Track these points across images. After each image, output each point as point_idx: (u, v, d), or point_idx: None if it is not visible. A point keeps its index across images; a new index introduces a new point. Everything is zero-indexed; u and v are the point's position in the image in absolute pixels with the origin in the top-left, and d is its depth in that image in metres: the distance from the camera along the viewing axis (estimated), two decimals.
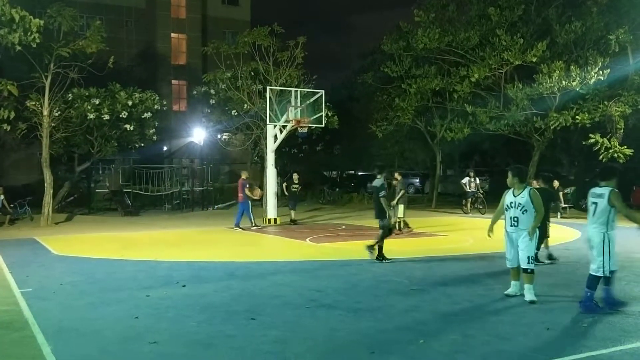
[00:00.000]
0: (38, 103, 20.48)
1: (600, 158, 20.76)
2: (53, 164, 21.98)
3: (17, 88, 19.20)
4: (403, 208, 16.25)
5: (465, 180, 23.94)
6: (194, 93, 31.66)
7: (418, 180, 39.23)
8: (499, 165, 40.24)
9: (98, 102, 23.00)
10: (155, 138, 26.42)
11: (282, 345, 5.89)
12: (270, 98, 20.58)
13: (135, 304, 7.78)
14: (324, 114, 21.78)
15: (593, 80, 20.79)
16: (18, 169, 30.02)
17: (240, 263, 11.70)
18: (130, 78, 28.74)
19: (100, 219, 22.90)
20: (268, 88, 20.97)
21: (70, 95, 22.36)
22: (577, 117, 21.54)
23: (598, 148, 20.93)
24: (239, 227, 18.19)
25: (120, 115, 23.59)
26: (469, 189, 23.87)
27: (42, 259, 12.26)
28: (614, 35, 20.56)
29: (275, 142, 21.12)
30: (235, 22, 39.98)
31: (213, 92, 27.89)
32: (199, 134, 31.91)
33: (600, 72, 20.61)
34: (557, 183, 22.26)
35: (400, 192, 16.24)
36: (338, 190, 34.96)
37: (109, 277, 9.98)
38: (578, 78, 20.84)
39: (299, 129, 20.69)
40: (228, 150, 30.49)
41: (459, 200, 24.53)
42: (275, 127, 21.03)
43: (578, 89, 21.25)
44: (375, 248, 11.29)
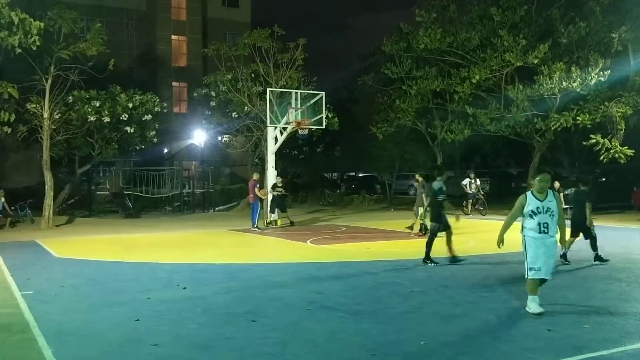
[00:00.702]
0: (38, 105, 20.52)
1: (601, 159, 20.75)
2: (54, 167, 22.00)
3: (17, 90, 19.23)
4: (423, 210, 16.03)
5: (466, 182, 23.92)
6: (195, 95, 31.69)
7: None
8: (500, 167, 40.26)
9: (98, 104, 23.05)
10: (156, 140, 26.46)
11: (282, 347, 5.89)
12: (271, 100, 20.59)
13: (136, 307, 7.78)
14: (325, 116, 21.80)
15: (593, 82, 20.77)
16: (18, 172, 30.02)
17: (241, 265, 11.71)
18: (131, 80, 28.78)
19: (101, 222, 22.91)
20: (268, 90, 20.99)
21: (71, 98, 22.39)
22: (577, 118, 21.52)
23: (599, 149, 20.90)
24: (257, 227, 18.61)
25: (121, 118, 23.64)
26: (470, 190, 23.86)
27: (43, 262, 12.27)
28: (617, 34, 20.52)
29: (276, 144, 21.13)
30: (236, 24, 40.05)
31: (213, 94, 27.92)
32: (200, 136, 31.94)
33: (601, 73, 20.60)
34: (557, 184, 22.31)
35: (422, 194, 16.11)
36: (339, 192, 34.98)
37: (110, 279, 9.98)
38: (578, 79, 20.83)
39: (300, 131, 20.71)
40: (228, 152, 30.52)
41: (460, 202, 24.52)
42: (276, 129, 21.05)
43: (579, 90, 21.22)
44: (454, 255, 11.34)
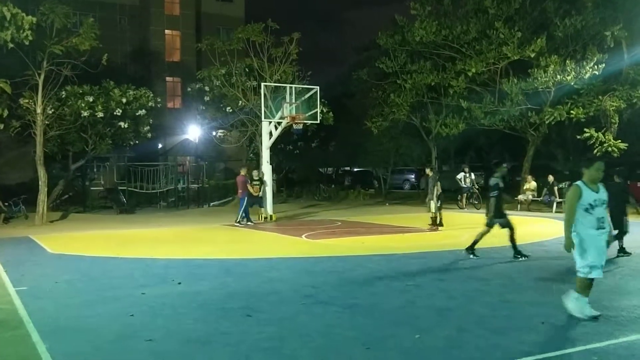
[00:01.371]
0: (31, 101, 20.39)
1: (595, 152, 20.84)
2: (47, 162, 21.88)
3: (10, 86, 19.09)
4: (434, 204, 16.09)
5: (461, 176, 23.98)
6: (189, 90, 31.59)
7: (413, 176, 39.38)
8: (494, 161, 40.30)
9: (92, 99, 22.95)
10: (150, 135, 26.38)
11: (278, 342, 5.89)
12: (265, 94, 20.53)
13: (131, 302, 7.76)
14: (319, 111, 21.76)
15: (588, 75, 20.82)
16: (12, 168, 29.86)
17: (236, 260, 11.70)
18: (124, 75, 28.70)
19: (95, 217, 22.84)
20: (263, 84, 20.94)
21: (64, 93, 22.29)
22: (571, 111, 21.59)
23: (593, 142, 20.99)
24: (251, 221, 18.65)
25: (115, 113, 23.55)
26: (464, 185, 23.92)
27: (37, 258, 12.22)
28: (610, 32, 20.58)
29: (271, 138, 21.10)
30: (229, 18, 39.87)
31: (207, 89, 27.84)
32: (194, 131, 31.87)
33: (596, 66, 20.65)
34: (551, 178, 22.39)
35: (434, 188, 16.09)
36: (334, 187, 34.99)
37: (105, 275, 9.96)
38: (573, 72, 20.87)
39: (294, 126, 20.69)
40: (223, 147, 30.49)
41: (454, 196, 24.59)
42: (270, 123, 21.01)
43: (573, 84, 21.28)
44: (516, 249, 10.90)
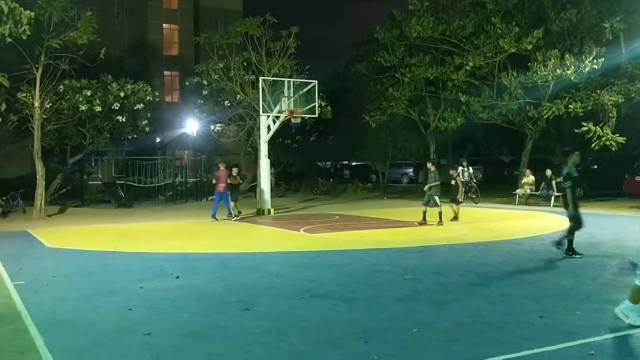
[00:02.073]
0: (29, 95, 20.31)
1: (593, 146, 20.85)
2: (45, 156, 21.84)
3: (7, 80, 19.05)
4: (438, 199, 15.90)
5: (459, 170, 23.94)
6: (187, 84, 31.51)
7: (412, 170, 39.38)
8: (493, 155, 40.33)
9: (90, 93, 22.88)
10: (148, 129, 26.31)
11: (276, 336, 5.90)
12: (263, 88, 20.49)
13: (129, 296, 7.76)
14: (317, 104, 21.73)
15: (587, 69, 20.80)
16: (10, 162, 29.84)
17: (234, 254, 11.70)
18: (122, 69, 28.61)
19: (93, 211, 22.82)
20: (261, 78, 20.88)
21: (62, 87, 22.22)
22: (569, 106, 21.58)
23: (591, 136, 20.99)
24: (231, 216, 18.51)
25: (113, 107, 23.49)
26: (463, 179, 23.90)
27: (35, 252, 12.21)
28: (609, 24, 20.54)
29: (269, 132, 21.07)
30: (227, 12, 39.79)
31: (205, 82, 27.78)
32: (192, 125, 31.83)
33: (595, 60, 20.62)
34: (549, 172, 22.39)
35: (436, 182, 15.94)
36: (332, 181, 34.97)
37: (102, 269, 9.96)
38: (572, 67, 20.84)
39: (292, 120, 20.65)
40: (221, 141, 30.42)
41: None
42: (269, 117, 20.97)
43: (572, 78, 21.26)
44: (564, 242, 10.46)
